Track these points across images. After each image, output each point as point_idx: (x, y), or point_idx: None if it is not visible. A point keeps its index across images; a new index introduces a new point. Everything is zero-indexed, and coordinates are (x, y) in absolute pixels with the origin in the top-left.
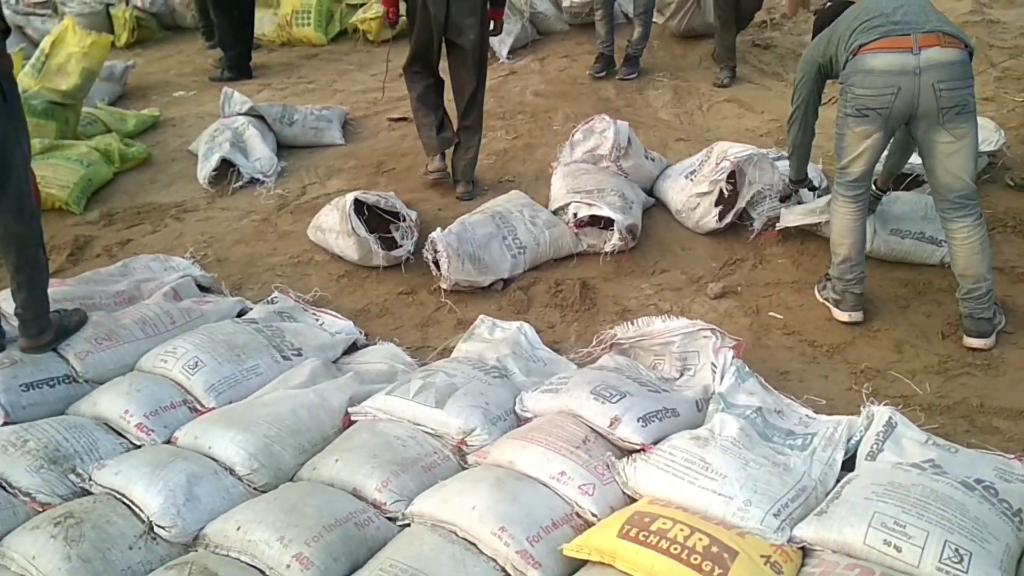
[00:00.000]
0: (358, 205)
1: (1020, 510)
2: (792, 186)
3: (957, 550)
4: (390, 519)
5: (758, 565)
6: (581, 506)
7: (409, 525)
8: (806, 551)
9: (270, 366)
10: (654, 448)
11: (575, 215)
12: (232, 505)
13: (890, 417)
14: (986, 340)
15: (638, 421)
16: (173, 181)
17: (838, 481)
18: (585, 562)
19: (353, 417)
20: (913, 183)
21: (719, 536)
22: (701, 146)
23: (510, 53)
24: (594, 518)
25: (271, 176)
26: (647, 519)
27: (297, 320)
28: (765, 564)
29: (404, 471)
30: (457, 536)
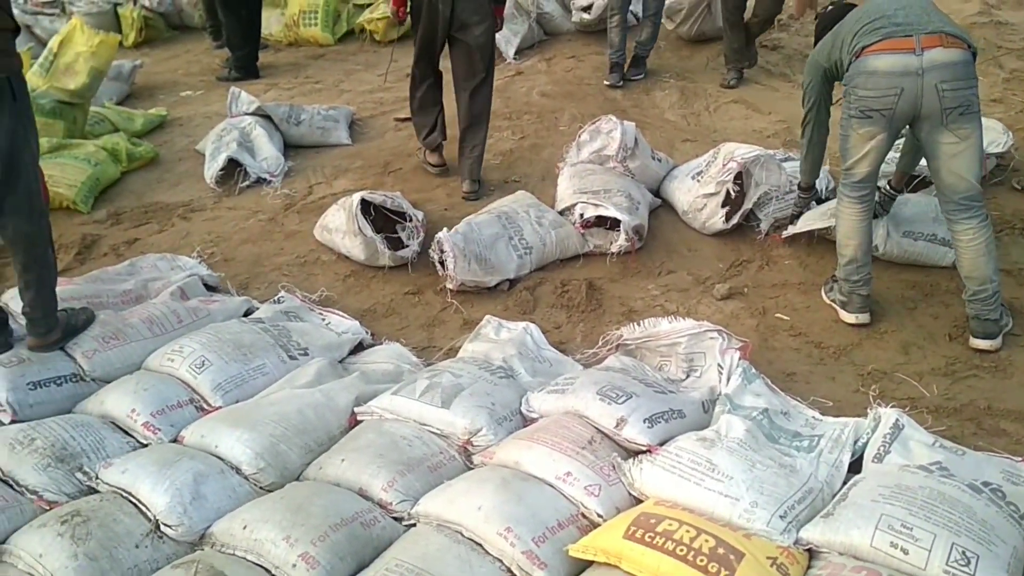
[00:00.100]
0: (365, 205)
1: None
2: (802, 196)
3: (964, 553)
4: (396, 519)
5: (764, 567)
6: (587, 507)
7: (415, 525)
8: (812, 553)
9: (276, 365)
10: (660, 449)
11: (581, 215)
12: (238, 504)
13: (897, 419)
14: (992, 342)
15: (644, 422)
16: (180, 180)
17: (845, 483)
18: (591, 563)
19: (359, 417)
20: (921, 184)
21: (725, 537)
22: (708, 147)
23: (517, 53)
24: (600, 519)
25: (278, 176)
26: (653, 520)
27: (303, 320)
28: (771, 566)
29: (410, 471)
30: (463, 536)
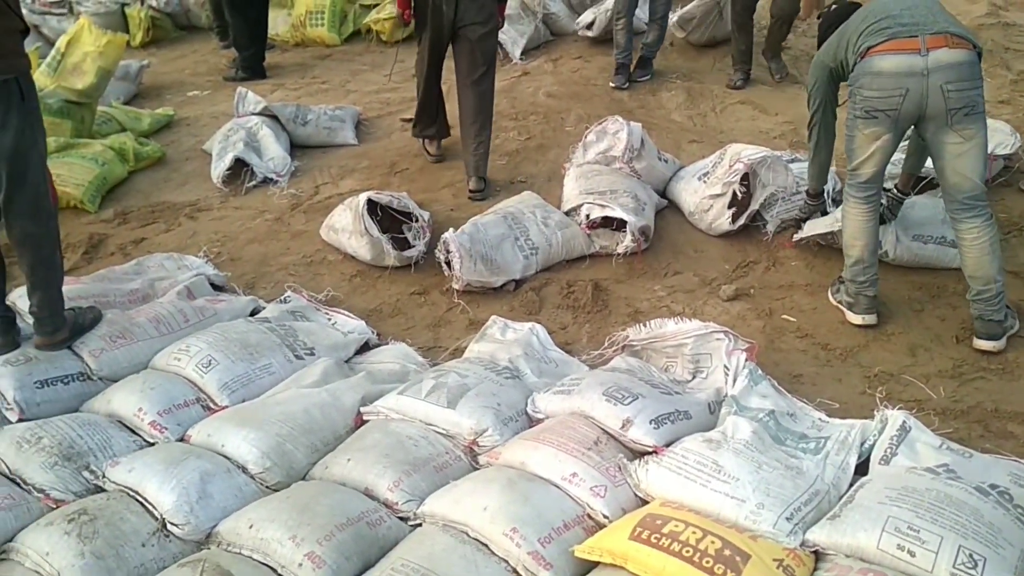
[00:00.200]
0: (371, 205)
1: None
2: (810, 202)
3: (971, 555)
4: (402, 519)
5: (771, 569)
6: (593, 508)
7: (421, 525)
8: (819, 555)
9: (283, 365)
10: (666, 450)
11: (587, 216)
12: (244, 503)
13: (904, 421)
14: (996, 343)
15: (650, 423)
16: (187, 180)
17: (851, 485)
18: (597, 564)
19: (365, 417)
20: (928, 186)
21: (731, 539)
22: (714, 148)
23: (523, 54)
24: (606, 520)
25: (284, 176)
26: (659, 521)
27: (310, 319)
28: (778, 568)
29: (416, 471)
30: (469, 536)
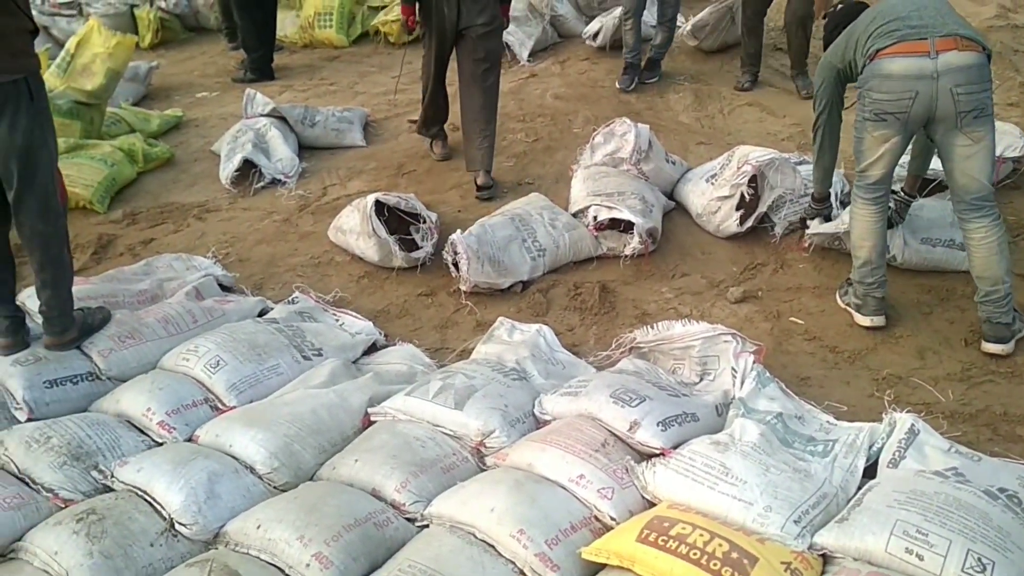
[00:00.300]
0: (379, 206)
1: None
2: (815, 206)
3: (980, 559)
4: (409, 520)
5: (778, 571)
6: (600, 510)
7: (428, 526)
8: (827, 558)
9: (290, 366)
10: (673, 453)
11: (595, 218)
12: (252, 503)
13: (912, 424)
14: (1004, 346)
15: (658, 425)
16: (196, 181)
17: (859, 488)
18: (604, 566)
19: (373, 417)
20: (937, 188)
21: (739, 542)
22: (722, 150)
23: (530, 56)
24: (613, 522)
25: (292, 177)
26: (666, 524)
27: (317, 320)
28: (785, 571)
29: (423, 472)
30: (476, 538)
